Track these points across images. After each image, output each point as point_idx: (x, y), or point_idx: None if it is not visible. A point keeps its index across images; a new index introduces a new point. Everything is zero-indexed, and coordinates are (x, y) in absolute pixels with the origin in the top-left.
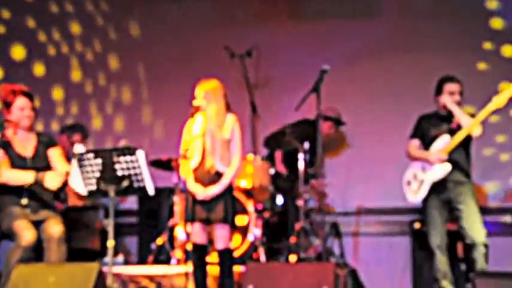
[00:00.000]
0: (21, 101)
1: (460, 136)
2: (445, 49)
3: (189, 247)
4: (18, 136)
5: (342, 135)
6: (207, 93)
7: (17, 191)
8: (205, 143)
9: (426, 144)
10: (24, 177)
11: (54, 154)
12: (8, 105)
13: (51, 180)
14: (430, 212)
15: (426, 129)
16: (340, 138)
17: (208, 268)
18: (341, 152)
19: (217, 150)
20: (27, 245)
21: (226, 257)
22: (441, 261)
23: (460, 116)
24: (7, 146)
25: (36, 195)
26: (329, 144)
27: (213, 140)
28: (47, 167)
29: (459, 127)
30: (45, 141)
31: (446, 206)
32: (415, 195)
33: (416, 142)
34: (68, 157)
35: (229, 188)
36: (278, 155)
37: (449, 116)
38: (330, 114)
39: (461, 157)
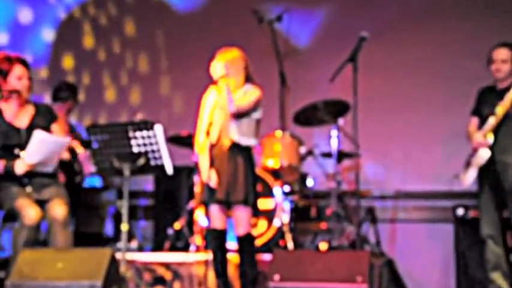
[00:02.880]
0: (18, 70)
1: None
2: (493, 14)
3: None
4: (13, 106)
5: None
6: (225, 64)
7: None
8: (222, 119)
9: (482, 123)
10: None
11: (57, 131)
12: (3, 74)
13: (20, 168)
14: (480, 197)
15: (482, 107)
16: None
17: (231, 256)
18: None
19: (237, 127)
20: (31, 224)
21: (247, 243)
22: (492, 251)
23: None
24: None
25: (37, 173)
26: None
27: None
28: None
29: None
30: (44, 114)
31: (497, 191)
32: (463, 180)
33: (474, 120)
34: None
35: (251, 167)
36: None
37: (505, 91)
38: None
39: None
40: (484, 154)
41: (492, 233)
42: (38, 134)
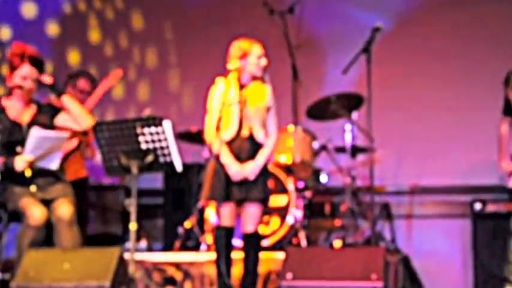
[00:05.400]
0: (25, 70)
1: None
2: None
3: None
4: (16, 103)
5: None
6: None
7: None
8: (242, 111)
9: None
10: None
11: (63, 120)
12: (12, 68)
13: (19, 164)
14: None
15: None
16: None
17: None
18: None
19: (257, 119)
20: (37, 224)
21: (255, 241)
22: None
23: None
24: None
25: (40, 172)
26: None
27: (250, 107)
28: None
29: None
30: (46, 111)
31: None
32: None
33: (507, 121)
34: None
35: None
36: None
37: None
38: None
39: None
40: None
41: None
42: (35, 132)
